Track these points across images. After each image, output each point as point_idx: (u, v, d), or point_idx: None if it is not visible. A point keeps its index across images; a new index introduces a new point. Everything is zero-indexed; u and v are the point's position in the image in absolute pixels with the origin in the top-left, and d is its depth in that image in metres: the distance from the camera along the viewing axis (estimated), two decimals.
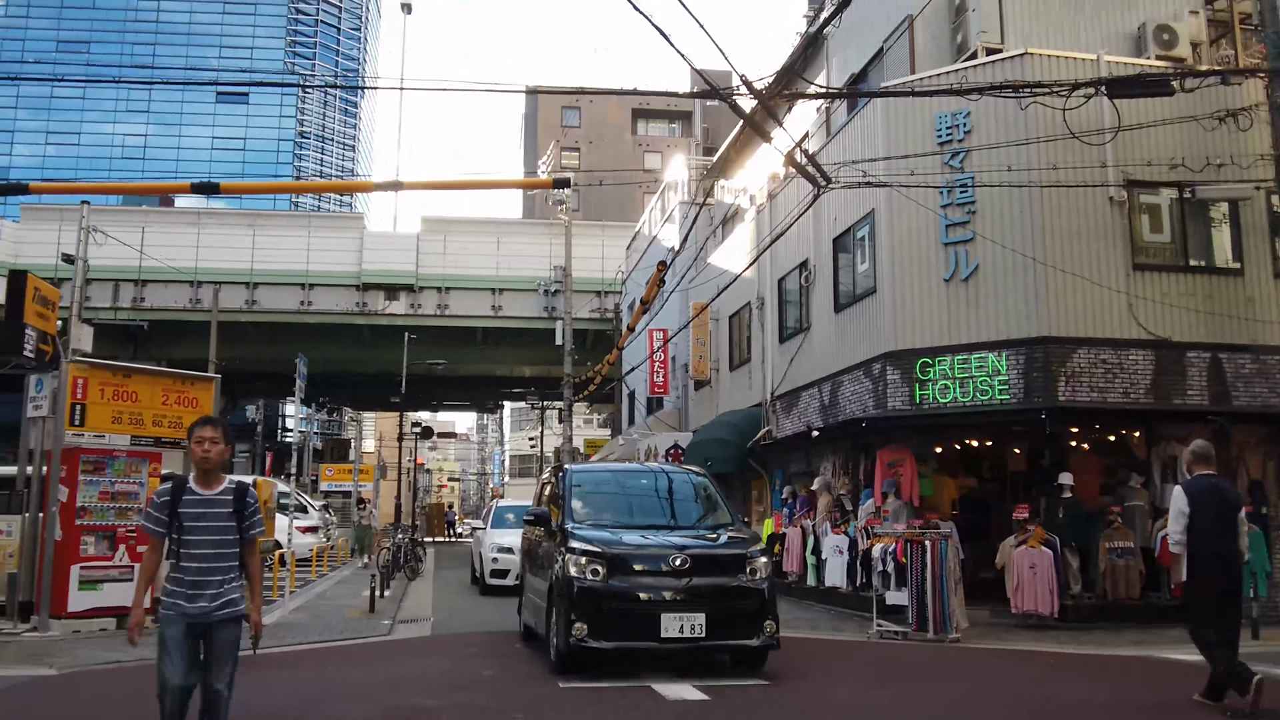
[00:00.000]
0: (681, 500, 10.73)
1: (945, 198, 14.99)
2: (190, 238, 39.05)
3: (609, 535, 9.30)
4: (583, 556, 8.86)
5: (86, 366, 11.97)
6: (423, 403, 56.87)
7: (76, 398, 11.76)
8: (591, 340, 41.38)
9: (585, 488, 10.65)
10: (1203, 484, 7.94)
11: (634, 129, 78.20)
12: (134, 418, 12.23)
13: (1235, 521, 7.86)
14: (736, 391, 23.08)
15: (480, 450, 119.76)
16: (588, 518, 9.87)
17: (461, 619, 15.15)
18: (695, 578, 8.84)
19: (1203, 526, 7.72)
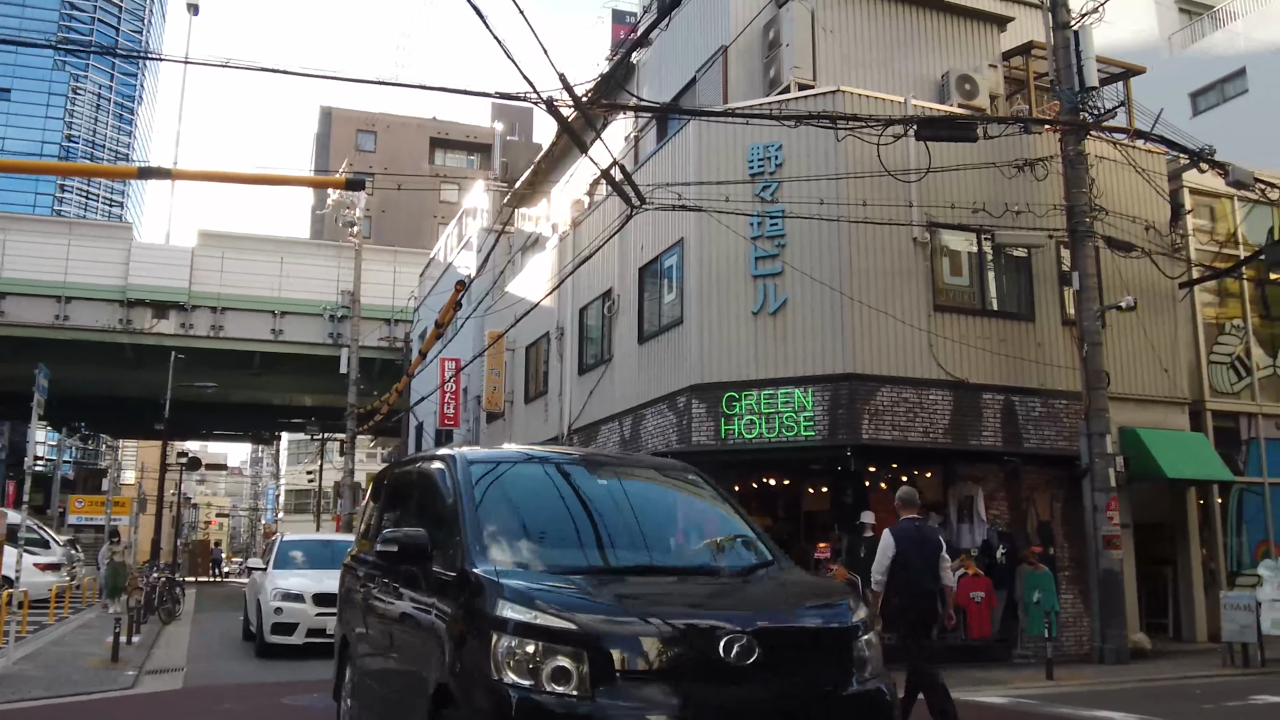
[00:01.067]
0: (687, 522, 6.15)
1: (756, 229, 14.69)
2: None
3: (576, 593, 4.74)
4: (533, 642, 4.32)
5: None
6: (192, 431, 53.07)
7: None
8: (379, 370, 39.58)
9: (503, 494, 5.74)
10: (908, 526, 8.53)
11: (431, 158, 76.68)
12: None
13: (938, 561, 8.40)
14: (532, 424, 22.18)
15: (254, 485, 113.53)
16: (519, 554, 5.17)
17: (220, 669, 13.55)
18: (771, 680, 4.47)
19: (909, 566, 8.27)
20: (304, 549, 16.63)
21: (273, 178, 10.74)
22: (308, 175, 13.02)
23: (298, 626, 14.06)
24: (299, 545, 17.02)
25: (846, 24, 16.43)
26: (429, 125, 76.88)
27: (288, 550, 16.56)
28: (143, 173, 10.15)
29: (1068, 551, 14.88)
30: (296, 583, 14.45)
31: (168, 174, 9.99)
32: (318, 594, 13.86)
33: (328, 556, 15.24)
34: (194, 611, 24.17)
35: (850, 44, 16.39)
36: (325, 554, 15.81)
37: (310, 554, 16.36)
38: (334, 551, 15.03)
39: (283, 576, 14.95)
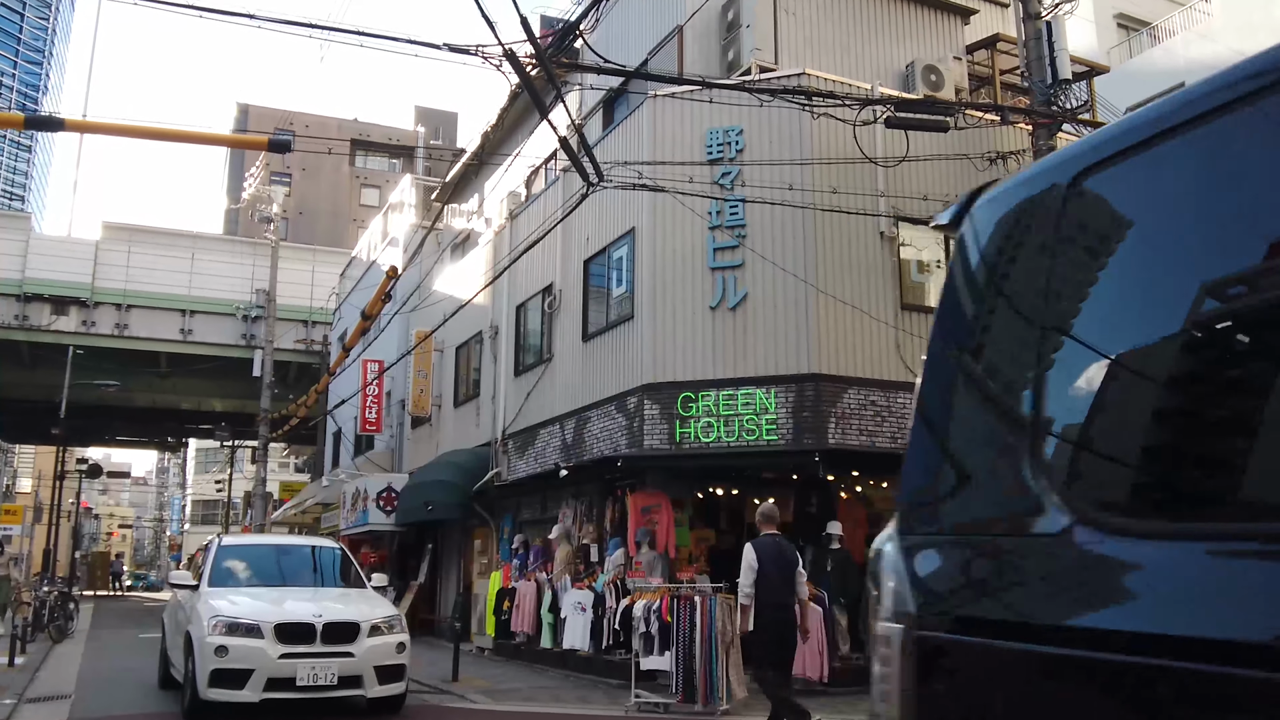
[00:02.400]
0: None
1: (714, 219, 13.70)
2: None
3: None
4: None
5: None
6: (93, 437, 50.36)
7: None
8: (295, 374, 37.82)
9: None
10: (768, 541, 8.85)
11: (352, 160, 74.69)
12: None
13: (794, 575, 8.85)
14: (462, 429, 20.87)
15: (159, 495, 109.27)
16: None
17: (113, 695, 12.04)
18: None
19: (769, 581, 8.58)
20: (251, 558, 11.69)
21: (186, 134, 9.39)
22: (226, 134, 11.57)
23: (251, 675, 9.16)
24: (243, 552, 11.97)
25: (809, 6, 15.56)
26: (350, 126, 74.89)
27: (227, 559, 11.42)
28: (30, 123, 8.75)
29: None
30: (248, 607, 9.81)
31: (60, 124, 8.59)
32: (284, 625, 9.45)
33: (286, 569, 11.56)
34: (89, 629, 22.34)
35: (813, 27, 15.51)
36: (282, 565, 11.67)
37: (259, 565, 11.49)
38: (294, 562, 11.85)
39: (225, 597, 10.13)
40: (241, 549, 12.18)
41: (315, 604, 10.10)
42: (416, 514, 19.48)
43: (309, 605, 10.01)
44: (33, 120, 8.75)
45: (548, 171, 20.51)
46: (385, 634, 9.86)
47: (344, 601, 10.53)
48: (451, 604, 20.31)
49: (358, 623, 9.70)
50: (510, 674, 14.07)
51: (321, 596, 10.73)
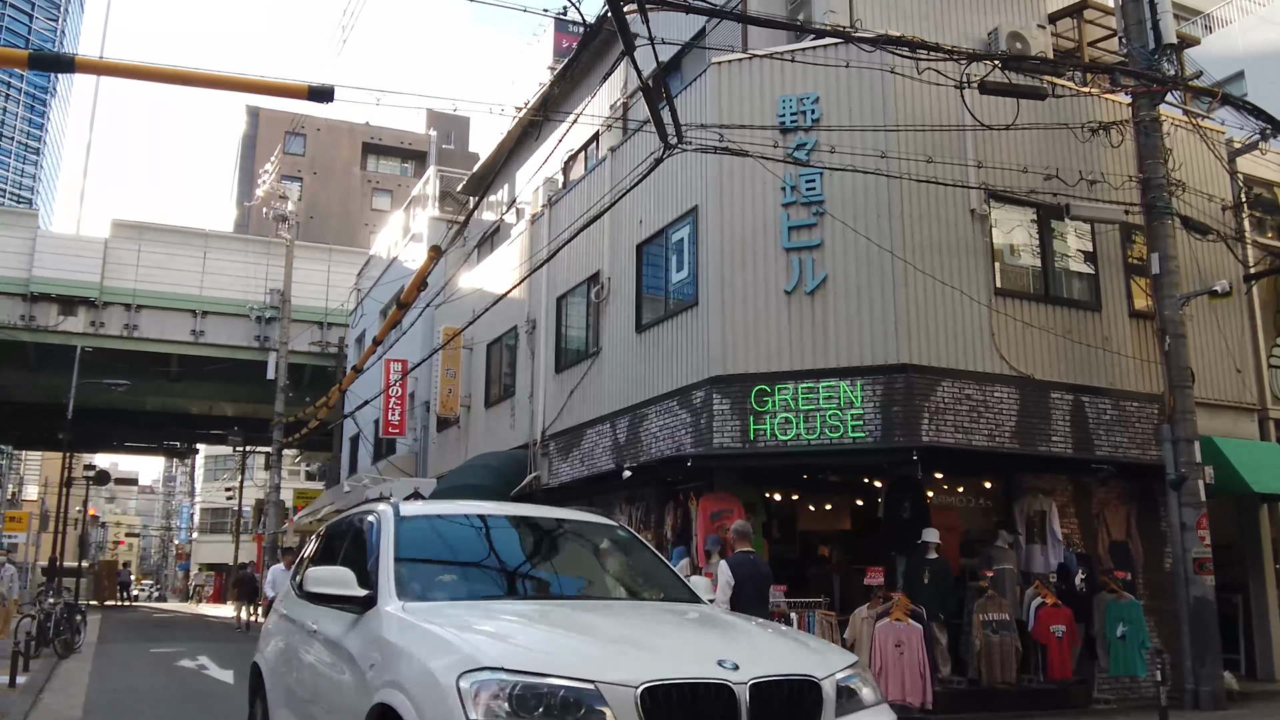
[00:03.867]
0: None
1: (788, 194, 12.42)
2: None
3: None
4: None
5: None
6: (101, 442, 49.12)
7: None
8: (309, 377, 36.57)
9: None
10: (743, 559, 9.09)
11: (364, 164, 73.78)
12: None
13: (768, 592, 9.17)
14: (494, 431, 19.59)
15: (166, 503, 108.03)
16: None
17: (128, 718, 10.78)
18: None
19: (745, 598, 8.62)
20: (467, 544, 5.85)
21: (214, 77, 8.14)
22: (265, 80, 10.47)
23: None
24: (450, 531, 5.94)
25: None
26: (361, 130, 73.91)
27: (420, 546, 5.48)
28: (35, 61, 7.54)
29: (1144, 577, 12.75)
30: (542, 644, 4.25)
31: (70, 64, 7.41)
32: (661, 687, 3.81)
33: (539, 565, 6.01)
34: (97, 642, 21.03)
35: None
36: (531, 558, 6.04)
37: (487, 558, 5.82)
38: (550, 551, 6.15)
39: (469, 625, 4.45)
40: (446, 526, 6.00)
41: (681, 637, 4.73)
42: None
43: (677, 641, 4.60)
44: (39, 59, 7.51)
45: (587, 157, 19.28)
46: (865, 707, 4.38)
47: (727, 634, 4.87)
48: None
49: (815, 680, 4.20)
50: None
51: (651, 618, 5.13)
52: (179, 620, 33.72)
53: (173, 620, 33.51)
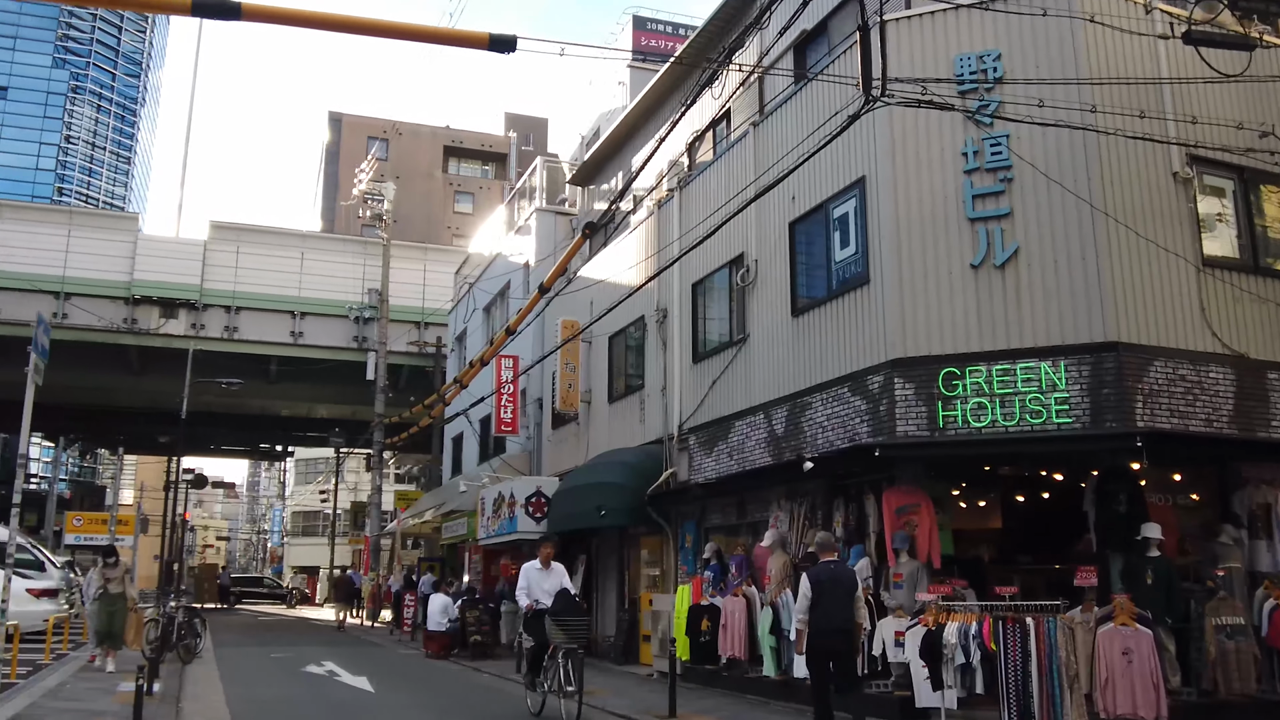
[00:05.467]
0: None
1: (971, 160, 11.36)
2: None
3: None
4: None
5: None
6: (198, 446, 49.35)
7: None
8: (406, 378, 36.14)
9: None
10: (824, 569, 9.16)
11: (445, 167, 73.70)
12: None
13: (851, 602, 8.97)
14: (619, 426, 18.74)
15: (251, 507, 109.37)
16: None
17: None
18: None
19: (823, 607, 8.87)
20: None
21: (389, 26, 7.35)
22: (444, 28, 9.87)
23: None
24: None
25: None
26: (442, 134, 73.99)
27: None
28: (198, 9, 6.80)
29: None
30: None
31: (235, 11, 6.71)
32: None
33: None
34: (213, 647, 20.56)
35: None
36: None
37: None
38: None
39: None
40: None
41: None
42: (576, 520, 17.38)
43: None
44: (202, 6, 6.77)
45: (716, 137, 18.33)
46: None
47: None
48: (613, 622, 18.21)
49: None
50: (730, 708, 11.83)
51: None
52: (282, 623, 33.46)
53: (277, 623, 33.24)
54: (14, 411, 42.18)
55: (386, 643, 23.75)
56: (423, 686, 14.59)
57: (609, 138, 22.36)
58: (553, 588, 11.25)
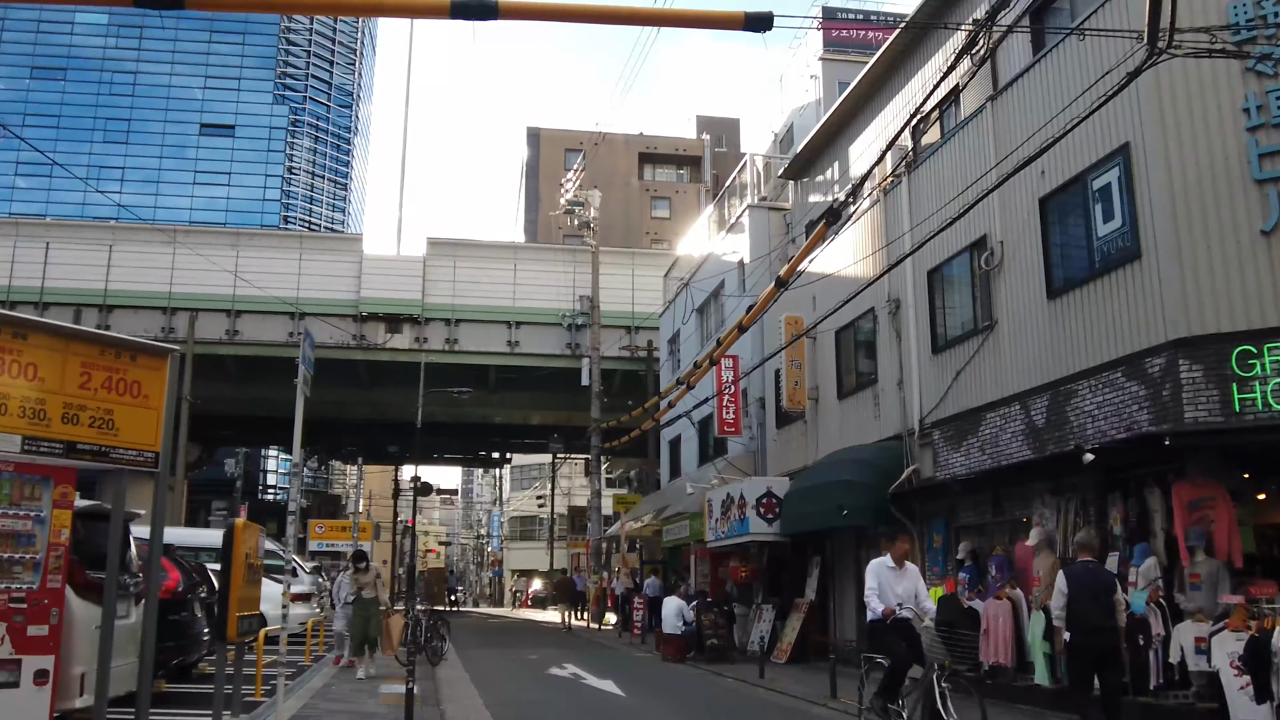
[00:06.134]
0: None
1: (1254, 116, 10.26)
2: (164, 258, 34.15)
3: None
4: None
5: None
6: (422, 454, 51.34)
7: None
8: (619, 382, 36.41)
9: None
10: (1078, 568, 8.91)
11: (640, 174, 74.30)
12: (31, 407, 7.17)
13: (1110, 601, 8.64)
14: (852, 423, 18.13)
15: (466, 512, 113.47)
16: None
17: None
18: None
19: (1079, 605, 8.56)
20: None
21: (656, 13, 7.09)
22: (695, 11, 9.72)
23: None
24: None
25: None
26: (636, 141, 74.64)
27: None
28: (457, 10, 6.76)
29: None
30: None
31: (493, 11, 6.63)
32: None
33: None
34: (455, 650, 21.11)
35: None
36: None
37: None
38: None
39: None
40: None
41: None
42: (813, 520, 16.90)
43: None
44: (461, 7, 6.70)
45: (943, 117, 17.48)
46: None
47: None
48: (853, 626, 17.60)
49: None
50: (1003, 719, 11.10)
51: None
52: (511, 625, 34.31)
53: (506, 625, 34.12)
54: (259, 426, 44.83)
55: (617, 645, 23.85)
56: (669, 691, 14.42)
57: (821, 129, 21.71)
58: (907, 592, 9.12)
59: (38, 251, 33.29)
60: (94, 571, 8.59)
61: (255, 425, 43.66)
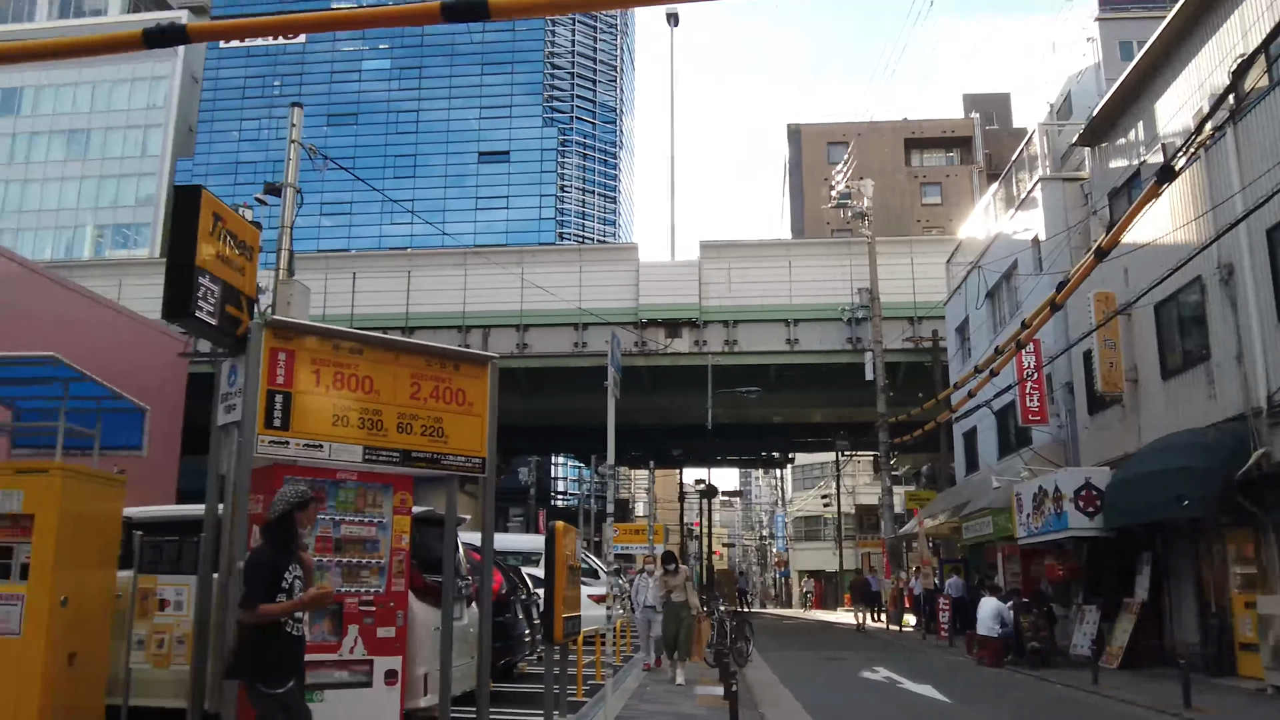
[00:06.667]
0: None
1: None
2: (456, 279, 36.11)
3: None
4: None
5: (291, 333, 7.28)
6: (701, 457, 51.92)
7: (276, 383, 7.07)
8: (904, 375, 35.08)
9: None
10: None
11: (907, 160, 72.02)
12: (369, 418, 7.44)
13: None
14: (1180, 405, 16.48)
15: (745, 513, 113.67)
16: None
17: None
18: None
19: None
20: None
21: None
22: None
23: None
24: None
25: None
26: (901, 127, 72.53)
27: None
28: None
29: None
30: None
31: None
32: None
33: None
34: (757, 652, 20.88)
35: None
36: None
37: None
38: None
39: None
40: None
41: None
42: (1144, 512, 15.47)
43: None
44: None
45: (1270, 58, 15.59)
46: None
47: None
48: (1194, 627, 15.99)
49: None
50: None
51: None
52: (804, 627, 33.85)
53: (799, 626, 33.71)
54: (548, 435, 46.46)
55: (922, 648, 22.89)
56: (997, 697, 13.54)
57: (1119, 89, 19.94)
58: None
59: (345, 281, 35.95)
60: (428, 575, 8.91)
61: (545, 434, 45.42)
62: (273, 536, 5.59)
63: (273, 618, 5.35)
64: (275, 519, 5.59)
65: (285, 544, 5.59)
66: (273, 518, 5.61)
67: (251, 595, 5.36)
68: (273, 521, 5.61)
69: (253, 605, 5.32)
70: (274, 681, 5.36)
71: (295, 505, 5.62)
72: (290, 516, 5.61)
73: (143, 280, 37.74)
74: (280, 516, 5.58)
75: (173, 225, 7.30)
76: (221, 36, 6.28)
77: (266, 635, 5.38)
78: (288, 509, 5.59)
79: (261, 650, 5.38)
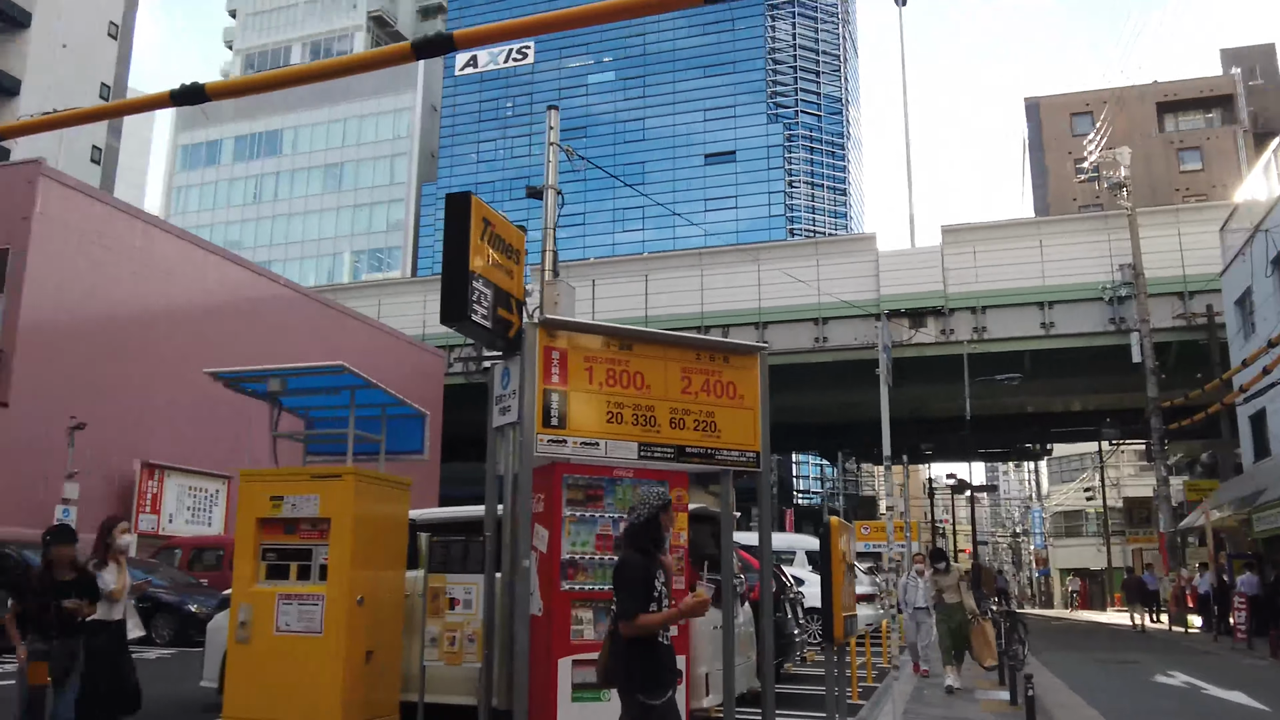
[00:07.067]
0: None
1: None
2: (693, 280, 36.29)
3: None
4: None
5: (562, 332, 7.27)
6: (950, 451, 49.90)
7: (550, 382, 7.08)
8: (1175, 355, 32.47)
9: None
10: None
11: (1161, 125, 67.00)
12: (642, 414, 7.33)
13: None
14: None
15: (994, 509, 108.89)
16: None
17: None
18: None
19: None
20: None
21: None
22: None
23: None
24: None
25: None
26: (1151, 91, 67.46)
27: None
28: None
29: None
30: None
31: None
32: None
33: None
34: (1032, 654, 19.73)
35: None
36: None
37: None
38: None
39: None
40: None
41: None
42: None
43: None
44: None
45: None
46: None
47: None
48: None
49: None
50: None
51: None
52: (1075, 627, 31.97)
53: (1069, 627, 31.87)
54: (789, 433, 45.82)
55: (1215, 650, 21.06)
56: None
57: None
58: None
59: (585, 289, 36.72)
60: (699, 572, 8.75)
61: (785, 432, 44.87)
62: (640, 541, 5.25)
63: (653, 629, 5.09)
64: (643, 523, 5.26)
65: (654, 548, 5.24)
66: (639, 522, 5.27)
67: (631, 605, 5.04)
68: (639, 526, 5.27)
69: (632, 616, 5.01)
70: (656, 692, 5.12)
71: (660, 508, 5.27)
72: (656, 520, 5.24)
73: (397, 299, 39.98)
74: (648, 520, 5.26)
75: (445, 232, 7.44)
76: (485, 42, 6.36)
77: (645, 645, 5.09)
78: (654, 512, 5.27)
79: (641, 660, 5.08)
